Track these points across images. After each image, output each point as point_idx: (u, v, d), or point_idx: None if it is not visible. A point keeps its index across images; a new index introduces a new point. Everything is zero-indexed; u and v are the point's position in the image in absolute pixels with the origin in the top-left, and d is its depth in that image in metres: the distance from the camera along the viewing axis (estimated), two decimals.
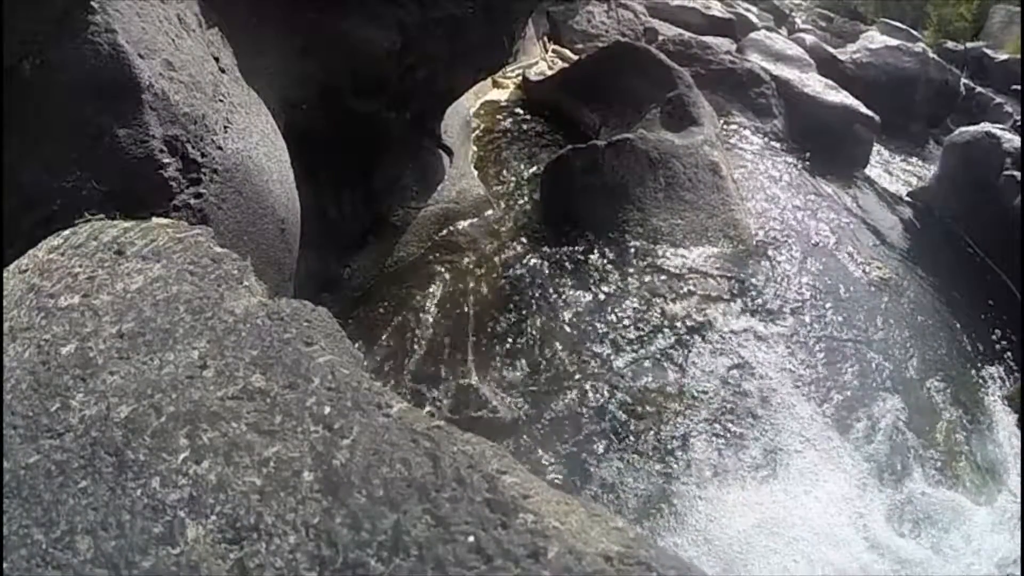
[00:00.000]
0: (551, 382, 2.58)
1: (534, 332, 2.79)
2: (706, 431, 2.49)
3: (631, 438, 2.41)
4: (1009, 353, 3.49)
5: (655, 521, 2.15)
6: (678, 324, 2.93)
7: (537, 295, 2.98)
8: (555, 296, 2.99)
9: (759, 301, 3.20)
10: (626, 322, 2.90)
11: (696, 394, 2.63)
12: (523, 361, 2.65)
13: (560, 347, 2.73)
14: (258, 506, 0.76)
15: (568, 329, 2.83)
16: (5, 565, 0.73)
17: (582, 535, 0.73)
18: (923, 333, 3.40)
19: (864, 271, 3.76)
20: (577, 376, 2.61)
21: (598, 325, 2.86)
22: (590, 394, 2.54)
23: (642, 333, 2.85)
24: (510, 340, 2.74)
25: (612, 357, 2.72)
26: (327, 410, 0.87)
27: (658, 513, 2.17)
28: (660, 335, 2.86)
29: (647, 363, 2.72)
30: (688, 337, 2.88)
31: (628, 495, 2.22)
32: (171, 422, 0.85)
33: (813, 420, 2.62)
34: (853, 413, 2.74)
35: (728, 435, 2.49)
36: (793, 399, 2.71)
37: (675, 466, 2.33)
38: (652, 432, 2.45)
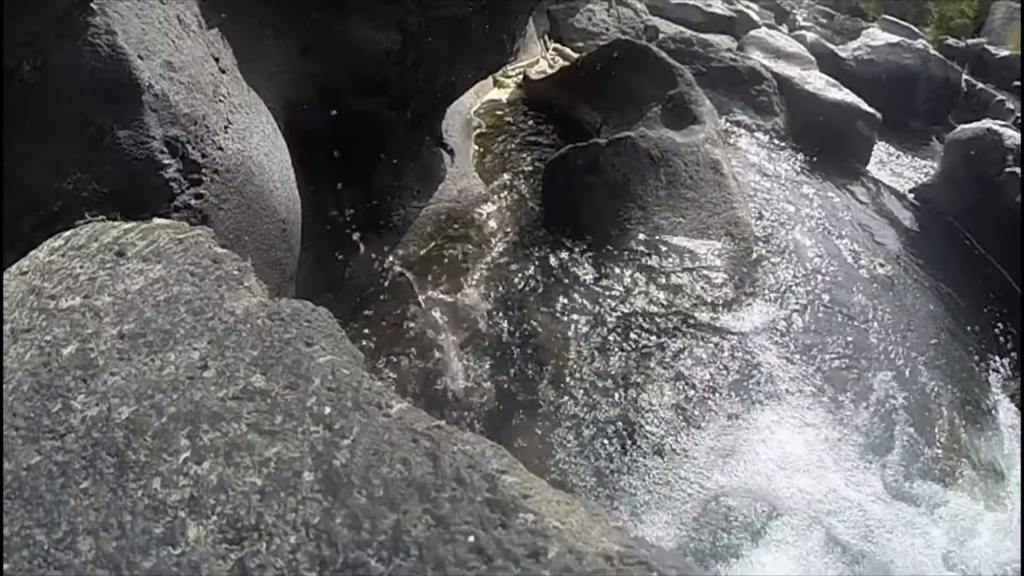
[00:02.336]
0: (551, 377, 2.58)
1: (536, 329, 2.79)
2: (703, 416, 2.53)
3: (626, 422, 2.44)
4: (1010, 347, 3.49)
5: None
6: (680, 320, 2.93)
7: (538, 293, 2.98)
8: (556, 293, 2.98)
9: (761, 297, 3.20)
10: (628, 318, 2.89)
11: (694, 384, 2.66)
12: (524, 357, 2.66)
13: (560, 342, 2.73)
14: (259, 506, 0.77)
15: (568, 326, 2.83)
16: (7, 566, 0.73)
17: (582, 535, 0.73)
18: (924, 328, 3.40)
19: (866, 267, 3.76)
20: (578, 372, 2.61)
21: (598, 322, 2.86)
22: (589, 386, 2.55)
23: (643, 329, 2.85)
24: (511, 338, 2.74)
25: (612, 353, 2.72)
26: (327, 410, 0.87)
27: None
28: (661, 330, 2.86)
29: (646, 356, 2.73)
30: (690, 332, 2.89)
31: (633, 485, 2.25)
32: (172, 423, 0.86)
33: (812, 408, 2.68)
34: (853, 402, 2.78)
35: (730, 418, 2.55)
36: (792, 389, 2.74)
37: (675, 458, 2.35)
38: (649, 417, 2.49)
